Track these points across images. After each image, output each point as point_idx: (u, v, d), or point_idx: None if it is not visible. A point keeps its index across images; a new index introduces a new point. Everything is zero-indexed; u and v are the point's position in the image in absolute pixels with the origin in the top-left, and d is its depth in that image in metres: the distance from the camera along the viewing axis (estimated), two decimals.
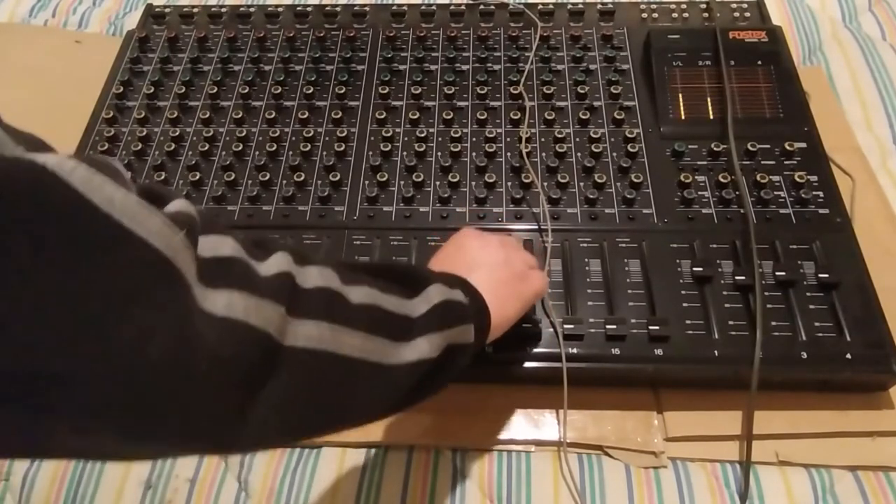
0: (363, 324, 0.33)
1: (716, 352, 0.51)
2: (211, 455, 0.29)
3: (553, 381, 0.54)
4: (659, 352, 0.51)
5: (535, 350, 0.52)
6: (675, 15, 0.75)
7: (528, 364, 0.52)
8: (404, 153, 0.64)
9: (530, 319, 0.53)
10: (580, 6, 0.76)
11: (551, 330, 0.53)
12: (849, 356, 0.51)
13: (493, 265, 0.45)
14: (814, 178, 0.60)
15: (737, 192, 0.59)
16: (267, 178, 0.62)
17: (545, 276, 0.49)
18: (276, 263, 0.30)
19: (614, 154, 0.63)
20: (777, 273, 0.54)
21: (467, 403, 0.54)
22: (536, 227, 0.59)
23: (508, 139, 0.65)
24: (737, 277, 0.54)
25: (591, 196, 0.59)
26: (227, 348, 0.25)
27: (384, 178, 0.62)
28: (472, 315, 0.40)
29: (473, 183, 0.61)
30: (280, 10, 0.78)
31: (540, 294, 0.48)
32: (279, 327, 0.28)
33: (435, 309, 0.37)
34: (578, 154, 0.63)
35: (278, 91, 0.69)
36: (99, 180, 0.22)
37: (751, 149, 0.61)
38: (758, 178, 0.59)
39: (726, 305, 0.53)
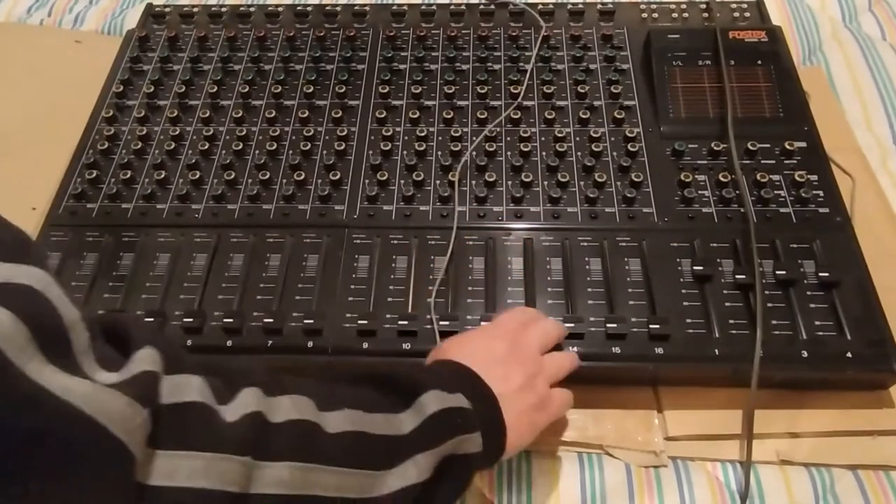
0: (339, 458, 0.31)
1: (716, 350, 0.51)
2: None
3: None
4: (659, 350, 0.51)
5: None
6: (675, 15, 0.75)
7: None
8: (404, 152, 0.64)
9: None
10: (580, 6, 0.76)
11: None
12: (849, 355, 0.51)
13: (518, 387, 0.42)
14: (814, 177, 0.60)
15: (737, 192, 0.59)
16: (267, 177, 0.62)
17: (567, 396, 0.46)
18: (243, 403, 0.29)
19: (614, 153, 0.63)
20: (777, 272, 0.54)
21: None
22: (537, 226, 0.59)
23: (509, 138, 0.65)
24: (737, 276, 0.54)
25: (592, 195, 0.59)
26: None
27: (384, 178, 0.62)
28: (477, 421, 0.37)
29: (474, 182, 0.61)
30: (280, 9, 0.78)
31: (557, 417, 0.45)
32: (241, 480, 0.27)
33: (428, 422, 0.34)
34: (578, 153, 0.63)
35: (278, 90, 0.69)
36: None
37: (751, 148, 0.61)
38: (758, 177, 0.59)
39: (726, 304, 0.53)
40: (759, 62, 0.67)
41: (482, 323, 0.52)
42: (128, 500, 0.23)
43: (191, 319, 0.53)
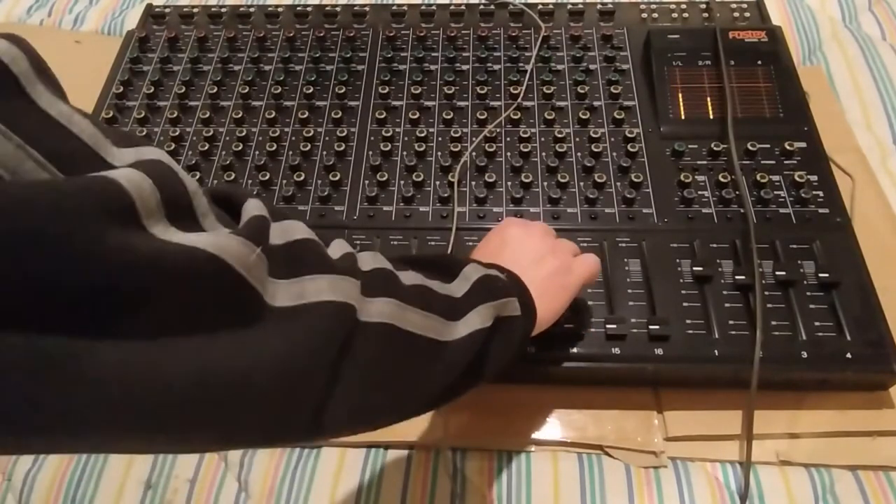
0: (420, 302, 0.33)
1: (716, 351, 0.51)
2: (293, 444, 0.31)
3: (553, 380, 0.54)
4: (659, 351, 0.51)
5: (536, 350, 0.52)
6: (675, 15, 0.75)
7: (528, 364, 0.52)
8: (404, 153, 0.64)
9: None
10: (580, 6, 0.76)
11: (552, 330, 0.52)
12: (849, 355, 0.51)
13: (536, 257, 0.45)
14: (814, 177, 0.60)
15: (737, 192, 0.59)
16: (267, 177, 0.62)
17: (592, 258, 0.48)
18: (338, 248, 0.32)
19: (614, 154, 0.63)
20: (777, 273, 0.54)
21: (467, 403, 0.54)
22: None
23: (508, 139, 0.65)
24: (737, 277, 0.54)
25: (591, 196, 0.59)
26: (317, 327, 0.27)
27: (384, 178, 0.62)
28: (512, 289, 0.40)
29: (473, 182, 0.61)
30: (280, 10, 0.78)
31: (589, 281, 0.48)
32: (358, 300, 0.29)
33: (475, 285, 0.37)
34: (578, 154, 0.63)
35: (278, 91, 0.69)
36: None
37: (751, 148, 0.61)
38: (758, 177, 0.59)
39: (726, 305, 0.53)
40: (759, 62, 0.67)
41: None
42: (261, 325, 0.25)
43: None
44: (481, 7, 0.77)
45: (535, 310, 0.42)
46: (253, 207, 0.28)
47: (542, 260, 0.45)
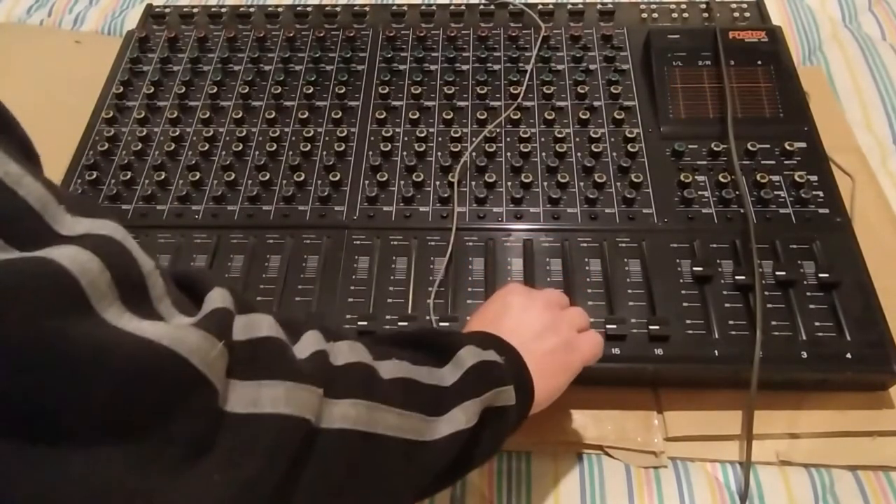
0: (397, 400, 0.32)
1: (716, 351, 0.51)
2: None
3: None
4: (659, 351, 0.51)
5: None
6: (675, 15, 0.75)
7: None
8: (404, 153, 0.64)
9: None
10: (580, 6, 0.76)
11: None
12: (849, 356, 0.51)
13: (538, 331, 0.42)
14: (814, 177, 0.60)
15: (737, 192, 0.59)
16: (267, 178, 0.62)
17: (597, 338, 0.45)
18: (308, 344, 0.30)
19: (614, 154, 0.63)
20: (777, 273, 0.54)
21: None
22: (536, 227, 0.59)
23: (508, 139, 0.65)
24: (737, 277, 0.54)
25: (591, 196, 0.59)
26: (264, 443, 0.25)
27: (384, 178, 0.62)
28: (509, 375, 0.38)
29: (473, 183, 0.61)
30: (280, 10, 0.78)
31: (591, 360, 0.44)
32: (316, 411, 0.27)
33: (468, 374, 0.35)
34: (578, 154, 0.63)
35: (278, 91, 0.69)
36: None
37: (751, 149, 0.61)
38: (758, 177, 0.59)
39: (726, 305, 0.53)
40: (759, 62, 0.67)
41: None
42: (211, 429, 0.24)
43: None
44: (481, 7, 0.77)
45: (532, 394, 0.39)
46: (217, 298, 0.27)
47: (544, 334, 0.42)
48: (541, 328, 0.42)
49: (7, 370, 0.19)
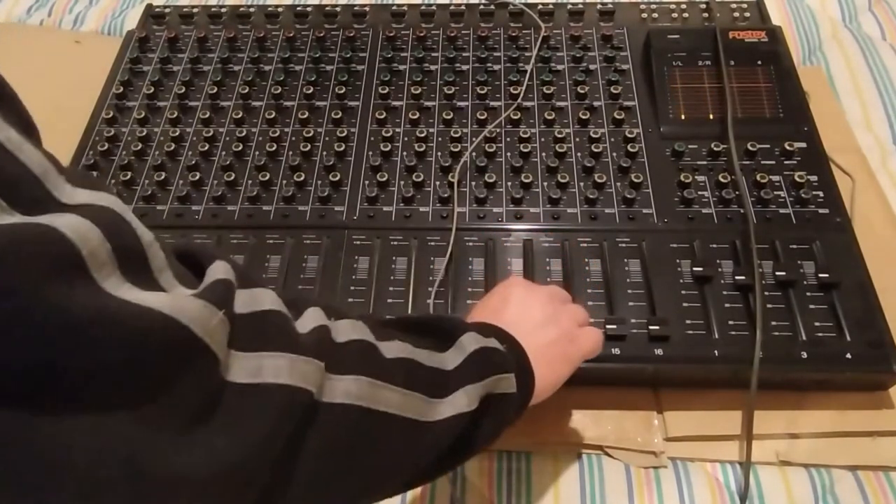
0: (399, 379, 0.31)
1: (716, 352, 0.51)
2: None
3: None
4: (659, 351, 0.51)
5: None
6: (675, 15, 0.75)
7: None
8: (404, 153, 0.64)
9: None
10: (580, 6, 0.76)
11: None
12: (849, 356, 0.51)
13: (539, 322, 0.42)
14: (814, 178, 0.60)
15: (737, 192, 0.59)
16: (267, 178, 0.62)
17: (597, 333, 0.45)
18: (311, 318, 0.30)
19: (614, 154, 0.63)
20: (777, 273, 0.54)
21: None
22: (536, 227, 0.59)
23: (509, 139, 0.65)
24: (737, 277, 0.54)
25: (591, 196, 0.59)
26: (267, 411, 0.25)
27: (384, 178, 0.62)
28: (511, 364, 0.38)
29: (473, 183, 0.61)
30: (280, 10, 0.78)
31: (591, 354, 0.44)
32: (319, 384, 0.27)
33: (469, 359, 0.35)
34: (578, 154, 0.63)
35: (278, 91, 0.69)
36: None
37: (751, 149, 0.61)
38: (758, 178, 0.59)
39: (726, 305, 0.53)
40: (759, 62, 0.67)
41: None
42: (214, 397, 0.24)
43: None
44: (481, 7, 0.77)
45: (533, 383, 0.39)
46: (218, 270, 0.26)
47: (545, 326, 0.42)
48: (542, 319, 0.43)
49: (12, 334, 0.19)
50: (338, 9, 0.78)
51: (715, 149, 0.62)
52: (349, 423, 0.29)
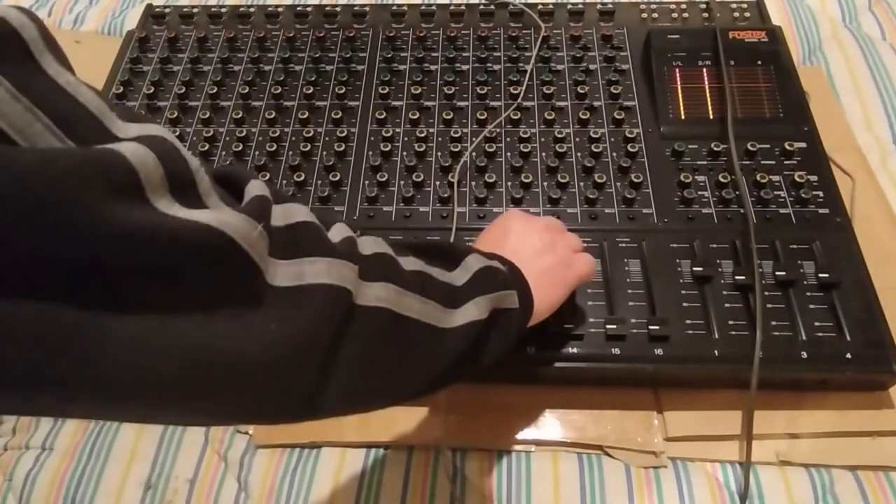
0: (418, 288, 0.34)
1: (716, 351, 0.51)
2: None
3: (554, 381, 0.54)
4: (659, 351, 0.51)
5: (536, 350, 0.52)
6: (675, 15, 0.75)
7: (528, 364, 0.52)
8: (404, 153, 0.64)
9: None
10: (580, 6, 0.76)
11: (552, 330, 0.52)
12: (849, 356, 0.51)
13: (537, 250, 0.45)
14: (814, 178, 0.60)
15: (737, 192, 0.59)
16: (267, 178, 0.62)
17: (590, 259, 0.49)
18: (339, 231, 0.33)
19: (614, 154, 0.63)
20: (777, 273, 0.54)
21: (467, 403, 0.54)
22: None
23: (509, 139, 0.65)
24: (737, 277, 0.54)
25: (591, 196, 0.59)
26: (314, 306, 0.27)
27: (384, 178, 0.62)
28: (512, 282, 0.40)
29: (473, 183, 0.61)
30: (280, 10, 0.78)
31: (585, 278, 0.48)
32: (355, 285, 0.30)
33: (476, 276, 0.38)
34: (578, 154, 0.63)
35: (278, 91, 0.69)
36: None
37: (751, 149, 0.61)
38: (758, 177, 0.59)
39: (726, 305, 0.53)
40: (759, 62, 0.67)
41: None
42: (261, 299, 0.26)
43: None
44: (481, 7, 0.77)
45: (532, 303, 0.42)
46: (255, 188, 0.29)
47: (542, 253, 0.45)
48: (540, 247, 0.46)
49: (82, 242, 0.21)
50: (338, 9, 0.78)
51: (715, 149, 0.62)
52: (382, 325, 0.31)
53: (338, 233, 0.32)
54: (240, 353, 0.25)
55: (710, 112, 0.65)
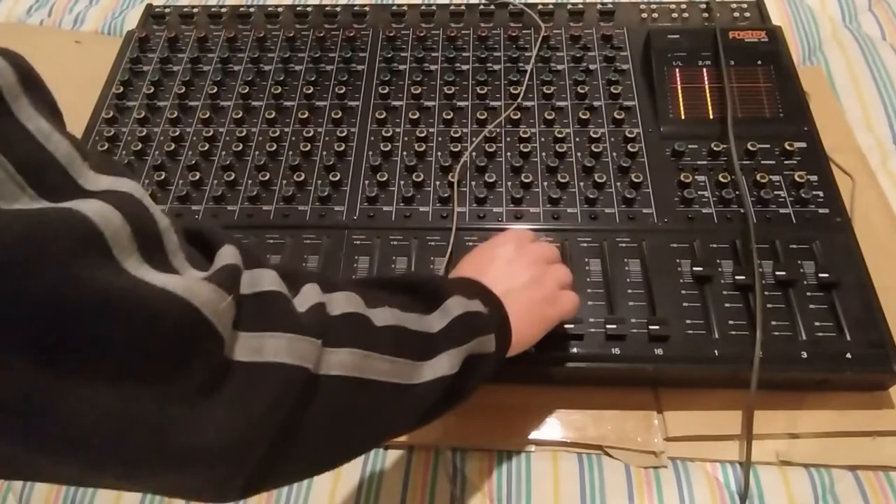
0: (388, 347, 0.33)
1: (716, 351, 0.51)
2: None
3: (553, 380, 0.54)
4: (659, 351, 0.51)
5: (536, 350, 0.52)
6: (675, 15, 0.75)
7: (528, 364, 0.52)
8: (404, 153, 0.64)
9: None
10: (580, 6, 0.76)
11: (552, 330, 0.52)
12: (849, 356, 0.51)
13: (525, 283, 0.45)
14: (814, 177, 0.60)
15: (737, 192, 0.59)
16: (267, 178, 0.62)
17: (575, 297, 0.48)
18: (307, 296, 0.32)
19: (614, 154, 0.63)
20: (777, 273, 0.54)
21: (467, 403, 0.54)
22: (536, 227, 0.59)
23: (509, 139, 0.65)
24: (737, 277, 0.54)
25: (591, 196, 0.59)
26: (268, 387, 0.27)
27: (384, 178, 0.62)
28: (492, 325, 0.40)
29: (473, 183, 0.61)
30: (280, 10, 0.78)
31: (567, 317, 0.47)
32: (314, 360, 0.29)
33: (454, 323, 0.37)
34: (578, 154, 0.63)
35: (278, 91, 0.69)
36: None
37: (751, 149, 0.61)
38: (758, 177, 0.59)
39: (726, 305, 0.53)
40: (759, 62, 0.67)
41: None
42: (219, 374, 0.25)
43: None
44: (481, 7, 0.77)
45: (510, 342, 0.42)
46: (227, 255, 0.28)
47: (528, 287, 0.45)
48: (527, 281, 0.45)
49: (43, 306, 0.20)
50: (338, 9, 0.78)
51: (715, 149, 0.62)
52: (343, 392, 0.31)
53: (307, 297, 0.32)
54: (192, 441, 0.24)
55: (710, 112, 0.65)
